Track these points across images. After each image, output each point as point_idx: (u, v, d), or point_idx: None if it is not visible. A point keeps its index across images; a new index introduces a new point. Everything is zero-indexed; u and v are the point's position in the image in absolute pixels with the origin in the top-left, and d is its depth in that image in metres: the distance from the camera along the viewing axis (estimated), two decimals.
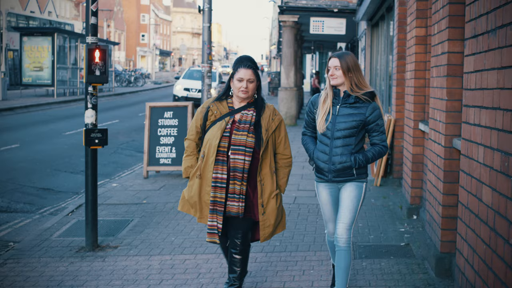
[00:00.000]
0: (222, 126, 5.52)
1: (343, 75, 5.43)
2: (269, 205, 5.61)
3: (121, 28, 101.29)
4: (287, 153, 5.77)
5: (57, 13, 76.07)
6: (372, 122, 5.47)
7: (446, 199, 6.49)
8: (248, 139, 5.50)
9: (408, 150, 9.43)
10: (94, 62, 7.38)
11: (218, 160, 5.50)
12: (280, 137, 5.72)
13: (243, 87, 5.52)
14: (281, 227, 5.87)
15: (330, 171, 5.53)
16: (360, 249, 7.49)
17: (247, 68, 5.55)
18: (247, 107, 5.65)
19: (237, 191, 5.50)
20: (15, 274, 6.75)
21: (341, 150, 5.46)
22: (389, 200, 10.23)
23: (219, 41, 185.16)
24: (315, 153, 5.61)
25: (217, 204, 5.51)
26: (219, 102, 5.68)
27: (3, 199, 10.51)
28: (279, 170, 5.76)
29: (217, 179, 5.50)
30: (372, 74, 19.27)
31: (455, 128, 6.39)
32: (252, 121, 5.57)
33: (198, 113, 5.72)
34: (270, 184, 5.61)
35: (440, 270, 6.45)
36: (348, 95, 5.47)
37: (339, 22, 23.56)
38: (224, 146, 5.49)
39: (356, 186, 5.55)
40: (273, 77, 50.29)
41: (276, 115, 5.70)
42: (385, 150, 5.58)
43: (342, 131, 5.44)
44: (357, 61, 5.53)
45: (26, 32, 38.40)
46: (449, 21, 6.32)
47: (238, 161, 5.47)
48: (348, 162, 5.45)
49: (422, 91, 8.94)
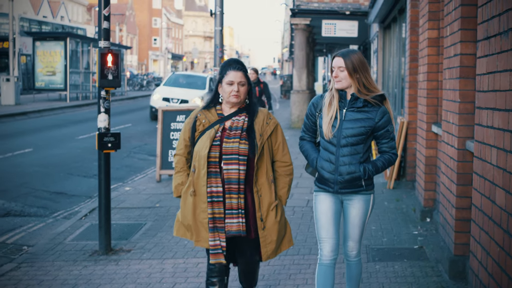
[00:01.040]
0: (211, 134, 4.99)
1: (349, 77, 4.93)
2: (268, 218, 5.06)
3: (133, 32, 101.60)
4: (287, 160, 5.25)
5: (69, 18, 76.39)
6: (381, 128, 4.98)
7: (459, 201, 6.47)
8: (241, 146, 4.96)
9: (421, 153, 9.41)
10: (107, 66, 7.40)
11: (211, 172, 4.96)
12: (278, 142, 5.19)
13: (234, 91, 5.00)
14: (287, 243, 5.31)
15: (336, 182, 5.02)
16: (374, 252, 7.47)
17: (237, 70, 5.04)
18: (238, 112, 5.12)
19: (235, 206, 4.95)
20: (29, 277, 6.78)
21: (349, 159, 4.96)
22: (402, 202, 10.20)
23: (231, 44, 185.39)
24: (319, 162, 5.10)
25: (216, 221, 4.96)
26: (207, 110, 5.15)
27: (17, 203, 10.56)
28: (279, 179, 5.23)
29: (212, 193, 4.95)
30: (384, 76, 19.23)
31: (468, 130, 6.37)
32: (244, 126, 5.04)
33: (186, 125, 5.20)
34: (268, 194, 5.07)
35: (454, 273, 6.42)
36: (356, 98, 4.96)
37: (351, 24, 23.54)
38: (215, 156, 4.96)
39: (365, 200, 5.09)
40: (285, 80, 50.34)
41: (270, 118, 5.17)
42: (395, 158, 5.10)
43: (350, 138, 4.94)
44: (364, 60, 5.00)
45: (39, 37, 38.66)
46: (462, 23, 6.30)
47: (232, 172, 4.93)
48: (357, 172, 4.96)
49: (434, 93, 8.92)
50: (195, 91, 26.41)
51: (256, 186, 5.04)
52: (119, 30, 77.15)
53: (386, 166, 5.08)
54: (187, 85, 27.58)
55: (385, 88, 18.74)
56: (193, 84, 27.48)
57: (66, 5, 77.17)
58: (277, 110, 33.08)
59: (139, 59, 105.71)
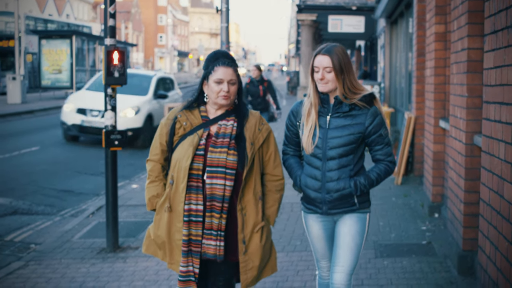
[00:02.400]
0: (194, 141, 4.23)
1: (336, 79, 4.20)
2: (252, 241, 4.31)
3: (139, 29, 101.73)
4: (278, 173, 4.47)
5: (75, 16, 76.57)
6: (373, 133, 4.28)
7: (467, 196, 6.44)
8: (229, 158, 4.20)
9: (429, 148, 9.38)
10: (113, 64, 7.40)
11: (191, 187, 4.22)
12: (269, 152, 4.43)
13: (224, 91, 4.24)
14: (270, 270, 4.57)
15: (324, 202, 4.33)
16: (382, 247, 7.46)
17: (227, 66, 4.28)
18: (226, 116, 4.35)
19: (215, 226, 4.22)
20: (37, 275, 6.78)
21: (337, 173, 4.26)
22: (410, 198, 10.18)
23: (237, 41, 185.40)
24: (303, 179, 4.40)
25: (192, 244, 4.26)
26: (189, 111, 4.37)
27: (24, 202, 10.57)
28: (268, 195, 4.46)
29: (190, 212, 4.23)
30: (391, 71, 19.19)
31: (475, 125, 6.34)
32: (233, 133, 4.28)
33: (163, 127, 4.41)
34: (254, 214, 4.31)
35: (463, 268, 6.41)
36: (340, 102, 4.25)
37: (358, 20, 23.54)
38: (198, 168, 4.20)
39: (358, 218, 4.38)
40: (292, 76, 50.32)
41: (263, 124, 4.41)
42: (392, 167, 4.39)
43: (337, 149, 4.24)
44: (349, 56, 4.32)
45: (45, 35, 38.66)
46: (469, 17, 6.28)
47: (217, 187, 4.18)
48: (347, 188, 4.27)
49: (442, 88, 8.89)
50: (130, 99, 17.63)
51: (241, 203, 4.28)
52: (124, 27, 77.29)
53: (382, 177, 4.37)
54: (121, 89, 19.35)
55: (392, 83, 18.72)
56: (131, 88, 16.80)
57: (72, 3, 77.34)
58: (284, 106, 33.06)
59: (145, 56, 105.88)
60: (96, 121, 16.97)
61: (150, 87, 18.70)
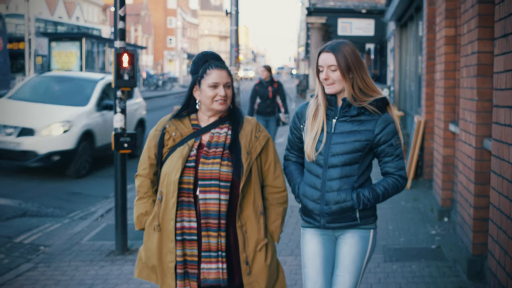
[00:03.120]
0: (184, 153, 3.84)
1: (342, 79, 3.78)
2: (256, 261, 3.89)
3: (149, 32, 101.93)
4: (279, 185, 4.05)
5: (84, 18, 76.81)
6: (383, 142, 3.82)
7: (477, 200, 6.42)
8: (223, 169, 3.79)
9: (439, 152, 9.36)
10: (123, 66, 7.41)
11: (183, 203, 3.81)
12: (268, 162, 4.02)
13: (221, 95, 3.84)
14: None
15: (322, 214, 3.88)
16: (391, 251, 7.44)
17: (221, 69, 3.89)
18: (219, 123, 3.94)
19: (214, 247, 3.78)
20: (46, 277, 6.80)
21: (338, 183, 3.83)
22: (420, 202, 10.15)
23: (246, 43, 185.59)
24: (301, 188, 3.98)
25: (187, 265, 3.83)
26: (178, 120, 3.98)
27: (33, 204, 10.60)
28: (270, 209, 4.05)
29: (183, 230, 3.81)
30: (401, 75, 19.16)
31: (485, 128, 6.32)
32: (226, 142, 3.87)
33: (151, 139, 4.03)
34: (255, 230, 3.90)
35: (472, 273, 6.38)
36: (348, 105, 3.83)
37: (368, 23, 23.53)
38: (188, 182, 3.80)
39: (360, 237, 3.91)
40: (301, 79, 50.30)
41: (260, 131, 3.99)
42: (403, 182, 3.90)
43: (340, 157, 3.81)
44: (359, 53, 3.88)
45: (55, 38, 38.83)
46: (479, 21, 6.26)
47: (211, 203, 3.77)
48: (348, 201, 3.82)
49: (452, 92, 8.87)
50: (61, 111, 13.40)
51: (240, 220, 3.86)
52: (134, 30, 77.43)
53: (390, 192, 3.87)
54: (56, 97, 14.24)
55: (402, 87, 18.70)
56: (67, 96, 14.15)
57: (82, 5, 77.60)
58: (293, 110, 33.03)
59: (154, 59, 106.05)
60: (8, 141, 12.45)
61: (92, 95, 14.10)
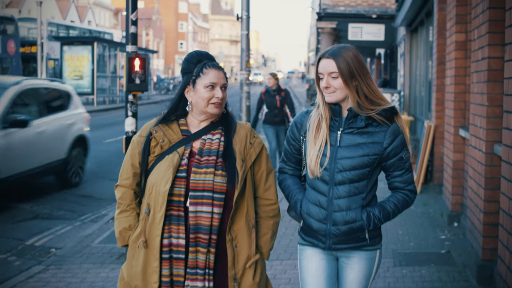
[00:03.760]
0: (174, 161, 3.44)
1: (345, 86, 3.47)
2: (244, 278, 3.53)
3: (160, 36, 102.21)
4: (270, 197, 3.67)
5: (96, 22, 77.13)
6: (393, 156, 3.53)
7: (487, 206, 6.42)
8: (217, 180, 3.41)
9: (449, 157, 9.36)
10: (134, 70, 7.46)
11: (172, 216, 3.42)
12: (260, 171, 3.64)
13: (217, 98, 3.47)
14: None
15: (329, 236, 3.57)
16: (400, 256, 7.44)
17: (218, 69, 3.52)
18: (211, 129, 3.56)
19: (201, 264, 3.42)
20: (57, 280, 6.84)
21: (347, 202, 3.52)
22: (430, 207, 10.15)
23: (257, 48, 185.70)
24: (304, 206, 3.65)
25: (174, 286, 3.47)
26: (166, 125, 3.58)
27: (45, 206, 10.65)
28: (259, 222, 3.67)
29: (171, 247, 3.42)
30: (411, 80, 19.15)
31: (496, 134, 6.32)
32: (219, 149, 3.50)
33: (134, 146, 3.61)
34: (246, 245, 3.52)
35: (482, 278, 6.38)
36: (355, 115, 3.51)
37: (378, 28, 23.52)
38: (179, 194, 3.41)
39: (367, 259, 3.65)
40: (311, 84, 50.28)
41: (255, 137, 3.63)
42: (412, 197, 3.64)
43: (348, 173, 3.50)
44: (362, 59, 3.56)
45: (67, 41, 39.04)
46: (489, 26, 6.27)
47: (203, 216, 3.38)
48: (358, 221, 3.53)
49: (462, 97, 8.87)
50: None
51: (231, 233, 3.48)
52: (145, 34, 77.65)
53: (400, 209, 3.61)
54: None
55: (412, 92, 18.68)
56: None
57: (93, 9, 77.95)
58: None
59: (165, 63, 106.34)
60: None
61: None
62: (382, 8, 23.42)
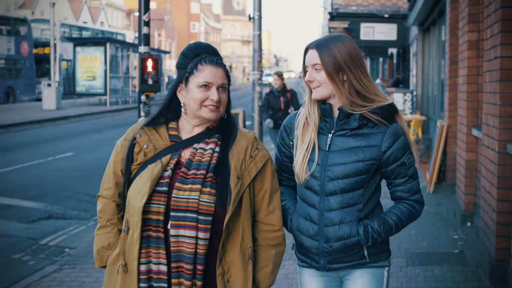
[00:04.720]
0: (155, 173, 2.88)
1: (329, 80, 3.01)
2: None
3: (172, 37, 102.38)
4: (273, 222, 3.06)
5: (109, 23, 77.40)
6: (393, 161, 3.04)
7: (500, 205, 6.41)
8: (203, 199, 2.81)
9: (461, 156, 9.34)
10: (147, 71, 7.49)
11: (150, 238, 2.87)
12: (263, 190, 3.03)
13: (212, 100, 2.90)
14: None
15: (322, 254, 3.10)
16: (413, 256, 7.43)
17: (216, 66, 2.93)
18: (205, 136, 2.99)
19: None
20: (71, 279, 6.87)
21: (339, 215, 3.03)
22: (442, 206, 10.13)
23: (269, 48, 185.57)
24: (294, 221, 3.18)
25: None
26: (153, 129, 3.00)
27: (58, 206, 10.71)
28: (259, 251, 3.05)
29: (150, 274, 2.87)
30: (424, 79, 19.11)
31: (509, 133, 6.31)
32: (212, 162, 2.91)
33: (117, 152, 3.06)
34: (241, 280, 2.92)
35: (495, 278, 6.37)
36: (347, 115, 3.04)
37: (390, 27, 23.48)
38: (158, 212, 2.83)
39: (373, 276, 3.16)
40: None
41: (258, 149, 3.02)
42: (419, 209, 3.14)
43: (340, 181, 3.02)
44: (356, 50, 3.08)
45: (79, 42, 39.31)
46: (502, 26, 6.26)
47: (185, 242, 2.81)
48: (354, 236, 3.03)
49: (475, 97, 8.85)
50: None
51: (223, 265, 2.90)
52: (158, 35, 77.86)
53: (404, 222, 3.11)
54: None
55: (425, 91, 18.65)
56: None
57: (106, 10, 78.21)
58: None
59: None
60: None
61: None
62: (394, 7, 23.39)
